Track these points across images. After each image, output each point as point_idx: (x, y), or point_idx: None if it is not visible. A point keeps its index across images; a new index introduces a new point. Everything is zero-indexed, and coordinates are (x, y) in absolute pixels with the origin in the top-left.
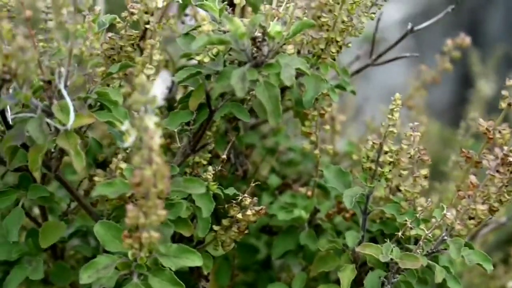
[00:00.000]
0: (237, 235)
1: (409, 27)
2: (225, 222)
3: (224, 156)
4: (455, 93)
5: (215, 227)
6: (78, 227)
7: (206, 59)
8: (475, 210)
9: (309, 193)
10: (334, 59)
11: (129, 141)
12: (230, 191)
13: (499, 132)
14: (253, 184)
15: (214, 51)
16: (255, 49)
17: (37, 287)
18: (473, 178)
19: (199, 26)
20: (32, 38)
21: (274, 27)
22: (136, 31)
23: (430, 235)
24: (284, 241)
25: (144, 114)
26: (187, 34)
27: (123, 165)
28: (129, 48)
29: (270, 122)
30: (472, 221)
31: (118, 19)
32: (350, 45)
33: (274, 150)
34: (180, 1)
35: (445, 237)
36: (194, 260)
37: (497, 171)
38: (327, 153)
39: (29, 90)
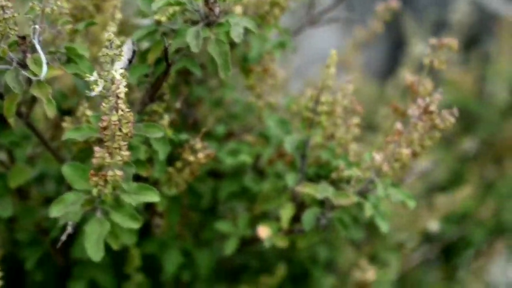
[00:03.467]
0: (189, 176)
1: None
2: (178, 164)
3: (179, 106)
4: (390, 55)
5: (170, 169)
6: (42, 171)
7: (164, 18)
8: (400, 153)
9: (253, 140)
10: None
11: (96, 90)
12: (184, 136)
13: (423, 85)
14: (203, 131)
15: (171, 11)
16: (207, 10)
17: (5, 225)
18: (399, 125)
19: None
20: None
21: None
22: None
23: (360, 175)
24: (230, 184)
25: (111, 66)
26: None
27: (89, 112)
28: (90, 8)
29: (221, 74)
30: (397, 164)
31: None
32: (291, 7)
33: (220, 102)
34: None
35: (374, 178)
36: (152, 197)
37: (420, 119)
38: (269, 106)
39: (6, 45)
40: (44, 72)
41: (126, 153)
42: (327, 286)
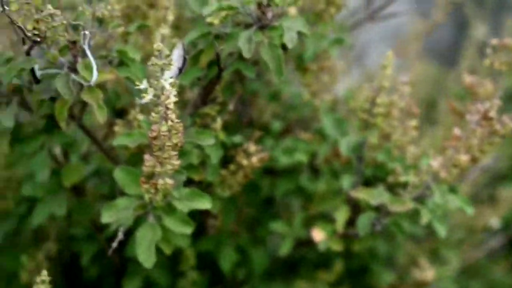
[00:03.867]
0: (243, 179)
1: None
2: (232, 167)
3: (232, 108)
4: (455, 36)
5: (223, 172)
6: (96, 168)
7: (216, 21)
8: (458, 159)
9: (309, 137)
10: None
11: (146, 98)
12: (237, 139)
13: (483, 86)
14: (256, 135)
15: (223, 14)
16: (260, 13)
17: (60, 222)
18: (457, 131)
19: None
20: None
21: None
22: None
23: (416, 181)
24: (286, 182)
25: (160, 75)
26: None
27: (141, 117)
28: (144, 7)
29: (274, 79)
30: (455, 169)
31: None
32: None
33: (277, 96)
34: None
35: (431, 183)
36: (204, 203)
37: (479, 125)
38: (325, 103)
39: (56, 50)
40: (94, 77)
41: (176, 162)
42: (386, 282)
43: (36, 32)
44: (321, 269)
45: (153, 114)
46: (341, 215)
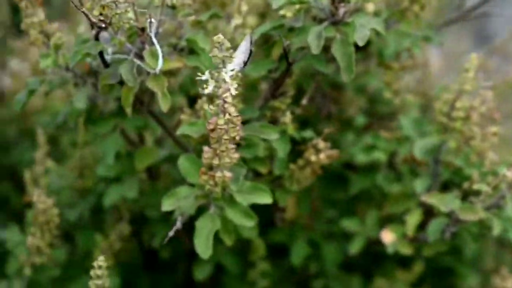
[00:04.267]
0: (311, 174)
1: None
2: (300, 162)
3: (305, 102)
4: None
5: (292, 166)
6: (169, 153)
7: (289, 14)
8: None
9: (390, 136)
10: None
11: (209, 89)
12: (308, 133)
13: None
14: (326, 132)
15: (297, 6)
16: (333, 8)
17: (132, 204)
18: None
19: None
20: None
21: None
22: None
23: (489, 191)
24: (362, 180)
25: (222, 67)
26: None
27: (206, 107)
28: None
29: (343, 78)
30: None
31: None
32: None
33: (363, 89)
34: None
35: (506, 193)
36: (265, 197)
37: None
38: (407, 103)
39: (123, 36)
40: (159, 65)
41: (234, 155)
42: (470, 286)
43: (102, 18)
44: (400, 267)
45: (211, 106)
46: (413, 219)
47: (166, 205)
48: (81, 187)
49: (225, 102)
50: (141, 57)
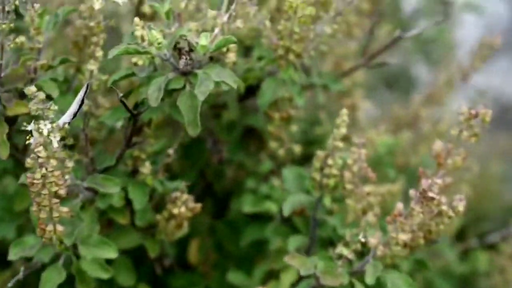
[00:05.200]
0: (175, 228)
1: (397, 34)
2: (164, 214)
3: (171, 152)
4: None
5: (158, 217)
6: None
7: (140, 62)
8: (396, 239)
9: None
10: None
11: (31, 141)
12: (175, 184)
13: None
14: (184, 185)
15: (143, 56)
16: (184, 58)
17: None
18: (399, 206)
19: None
20: None
21: (201, 40)
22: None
23: (350, 256)
24: (253, 231)
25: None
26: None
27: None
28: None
29: (189, 132)
30: (397, 248)
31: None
32: (312, 53)
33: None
34: (120, 2)
35: (369, 259)
36: (110, 252)
37: (419, 203)
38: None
39: None
40: None
41: (63, 209)
42: None
43: None
44: None
45: (28, 160)
46: (287, 277)
47: (12, 254)
48: None
49: (38, 156)
50: None
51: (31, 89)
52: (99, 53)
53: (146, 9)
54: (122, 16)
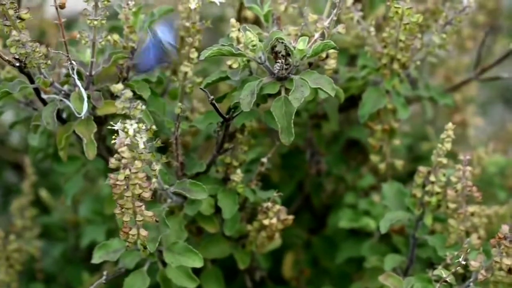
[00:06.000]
0: (267, 239)
1: None
2: (255, 224)
3: (264, 160)
4: None
5: (249, 227)
6: None
7: (235, 65)
8: (499, 263)
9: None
10: (399, 74)
11: (116, 141)
12: (268, 194)
13: None
14: (276, 194)
15: (239, 60)
16: (279, 62)
17: None
18: (505, 228)
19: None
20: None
21: (299, 44)
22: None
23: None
24: (349, 248)
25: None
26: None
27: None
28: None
29: (282, 140)
30: (501, 273)
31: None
32: (418, 63)
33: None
34: (217, 2)
35: (470, 284)
36: (195, 261)
37: None
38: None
39: (50, 76)
40: (84, 110)
41: (148, 213)
42: None
43: (17, 56)
44: None
45: (111, 160)
46: None
47: (96, 257)
48: (73, 221)
49: (122, 157)
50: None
51: (117, 87)
52: (194, 55)
53: (248, 13)
54: (227, 20)
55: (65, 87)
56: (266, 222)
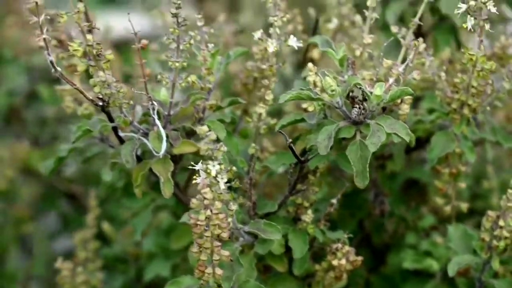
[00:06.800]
0: (335, 279)
1: None
2: (324, 264)
3: (334, 201)
4: None
5: (317, 267)
6: None
7: (311, 108)
8: None
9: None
10: (468, 119)
11: (198, 181)
12: (336, 235)
13: None
14: (344, 236)
15: (315, 104)
16: (357, 107)
17: None
18: None
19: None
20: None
21: (375, 90)
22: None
23: None
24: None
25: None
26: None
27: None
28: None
29: (357, 183)
30: None
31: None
32: (488, 108)
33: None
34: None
35: None
36: None
37: None
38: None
39: (130, 115)
40: (163, 149)
41: (225, 253)
42: None
43: (100, 96)
44: None
45: (193, 200)
46: None
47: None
48: (134, 254)
49: (204, 198)
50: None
51: (203, 129)
52: (270, 97)
53: (314, 54)
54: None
55: (143, 126)
56: (335, 262)
